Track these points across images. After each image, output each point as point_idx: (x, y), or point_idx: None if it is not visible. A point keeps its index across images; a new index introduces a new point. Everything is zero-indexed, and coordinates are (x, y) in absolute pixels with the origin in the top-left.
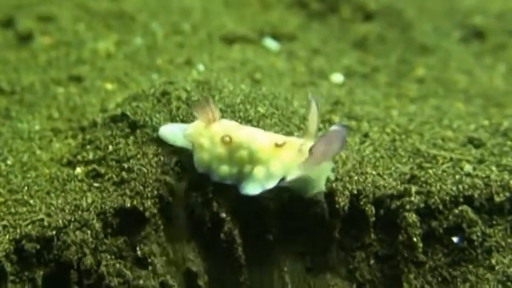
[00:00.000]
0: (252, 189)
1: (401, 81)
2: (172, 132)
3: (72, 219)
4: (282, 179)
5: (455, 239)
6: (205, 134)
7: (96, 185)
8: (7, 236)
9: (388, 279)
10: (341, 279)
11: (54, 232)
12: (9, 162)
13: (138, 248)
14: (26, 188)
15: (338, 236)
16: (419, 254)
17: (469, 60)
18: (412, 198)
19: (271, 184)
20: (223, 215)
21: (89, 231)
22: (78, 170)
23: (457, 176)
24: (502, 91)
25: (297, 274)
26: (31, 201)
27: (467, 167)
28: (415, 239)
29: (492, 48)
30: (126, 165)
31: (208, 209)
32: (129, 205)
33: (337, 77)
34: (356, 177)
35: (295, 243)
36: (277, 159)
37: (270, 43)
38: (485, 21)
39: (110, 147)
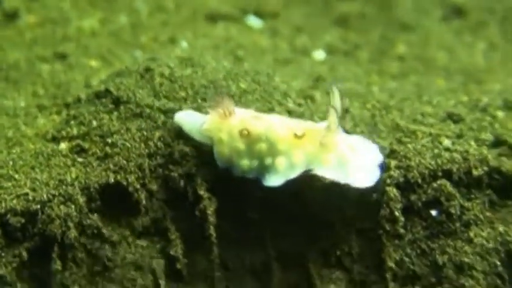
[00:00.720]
0: (275, 180)
1: (382, 58)
2: (189, 123)
3: (57, 194)
4: (310, 170)
5: (433, 213)
6: (223, 128)
7: (80, 160)
8: None
9: (368, 253)
10: (321, 254)
11: (38, 206)
12: None
13: (120, 224)
14: (11, 163)
15: (318, 212)
16: (400, 227)
17: (450, 37)
18: (392, 173)
19: (294, 174)
20: (201, 192)
21: (73, 206)
22: (63, 145)
23: (436, 151)
24: (482, 68)
25: (279, 253)
26: (16, 176)
27: (446, 142)
28: (396, 213)
29: (472, 25)
30: (109, 140)
31: (190, 184)
32: (112, 180)
33: (319, 54)
34: None
35: (277, 222)
36: (299, 149)
37: (253, 21)
38: None
39: (94, 122)
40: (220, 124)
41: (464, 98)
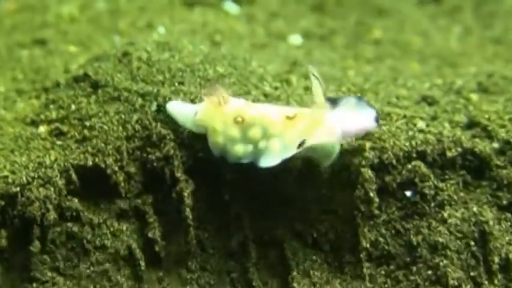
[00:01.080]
0: (269, 161)
1: (358, 43)
2: (181, 113)
3: (36, 176)
4: (301, 144)
5: (408, 193)
6: (217, 117)
7: (59, 143)
8: None
9: (344, 234)
10: (296, 235)
11: (18, 189)
12: None
13: (99, 206)
14: None
15: (293, 193)
16: (375, 208)
17: (425, 22)
18: (367, 154)
19: (288, 154)
20: (178, 174)
21: (52, 188)
22: (42, 128)
23: (410, 132)
24: (457, 52)
25: (256, 235)
26: None
27: (421, 124)
28: (371, 194)
29: (448, 10)
30: (88, 124)
31: (168, 167)
32: (91, 163)
33: (296, 39)
34: None
35: (253, 204)
36: (291, 130)
37: (230, 6)
38: None
39: (73, 106)
40: (213, 113)
41: (438, 81)
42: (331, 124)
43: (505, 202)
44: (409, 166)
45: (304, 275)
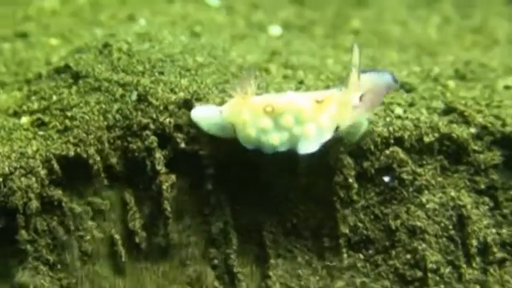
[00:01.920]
0: (308, 147)
1: (337, 33)
2: (205, 117)
3: (18, 166)
4: (337, 129)
5: (386, 179)
6: (245, 109)
7: (40, 133)
8: None
9: (323, 219)
10: (276, 222)
11: (0, 179)
12: None
13: (81, 196)
14: None
15: (272, 181)
16: (354, 194)
17: (404, 12)
18: (345, 140)
19: (325, 138)
20: (159, 166)
21: (34, 178)
22: (24, 119)
23: (388, 119)
24: (435, 41)
25: (237, 222)
26: None
27: (398, 110)
28: (350, 180)
29: (426, 0)
30: (69, 114)
31: (149, 158)
32: (72, 153)
33: (275, 30)
34: None
35: (233, 193)
36: (323, 113)
37: None
38: None
39: (54, 97)
40: (240, 107)
41: (416, 68)
42: (359, 103)
43: (482, 186)
44: (387, 152)
45: (284, 261)
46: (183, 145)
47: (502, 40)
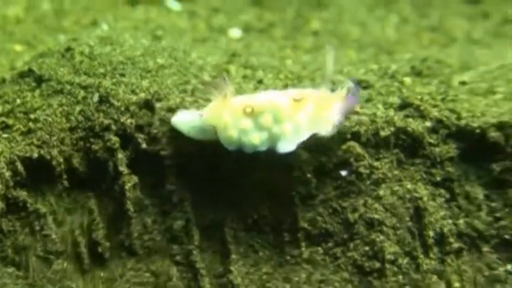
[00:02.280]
0: (286, 146)
1: (296, 34)
2: (185, 122)
3: None
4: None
5: (344, 173)
6: (226, 111)
7: (5, 135)
8: None
9: (282, 214)
10: (236, 217)
11: None
12: None
13: (46, 197)
14: None
15: (233, 178)
16: (312, 188)
17: (362, 12)
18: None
19: (302, 137)
20: (121, 168)
21: None
22: None
23: None
24: (393, 40)
25: (198, 219)
26: None
27: None
28: (308, 175)
29: (384, 1)
30: (32, 116)
31: (111, 159)
32: (36, 154)
33: (235, 32)
34: None
35: (195, 192)
36: (301, 112)
37: (172, 4)
38: None
39: (18, 100)
40: (221, 109)
41: (374, 66)
42: (337, 104)
43: (438, 178)
44: (344, 147)
45: (245, 257)
46: (144, 145)
47: (459, 38)
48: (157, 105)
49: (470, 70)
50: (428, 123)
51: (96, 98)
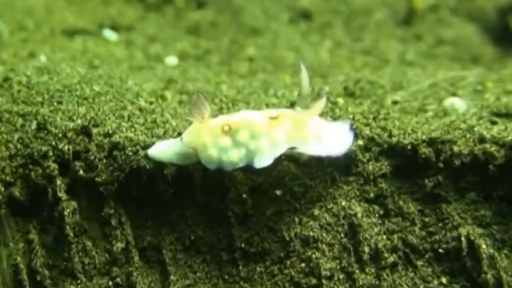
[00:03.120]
0: (263, 161)
1: (232, 61)
2: (164, 151)
3: None
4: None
5: (278, 192)
6: (205, 132)
7: None
8: None
9: (220, 234)
10: (175, 238)
11: None
12: None
13: None
14: None
15: (170, 200)
16: (248, 208)
17: (297, 39)
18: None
19: (279, 152)
20: (60, 194)
21: None
22: None
23: None
24: (327, 64)
25: (137, 241)
26: None
27: None
28: (244, 195)
29: (318, 26)
30: None
31: (50, 185)
32: None
33: (171, 60)
34: None
35: (133, 214)
36: (277, 128)
37: (109, 34)
38: (311, 3)
39: None
40: (200, 130)
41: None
42: (314, 126)
43: (372, 195)
44: (280, 167)
45: (184, 277)
46: (81, 172)
47: (392, 60)
48: (94, 130)
49: (402, 90)
50: (360, 142)
51: (34, 125)
